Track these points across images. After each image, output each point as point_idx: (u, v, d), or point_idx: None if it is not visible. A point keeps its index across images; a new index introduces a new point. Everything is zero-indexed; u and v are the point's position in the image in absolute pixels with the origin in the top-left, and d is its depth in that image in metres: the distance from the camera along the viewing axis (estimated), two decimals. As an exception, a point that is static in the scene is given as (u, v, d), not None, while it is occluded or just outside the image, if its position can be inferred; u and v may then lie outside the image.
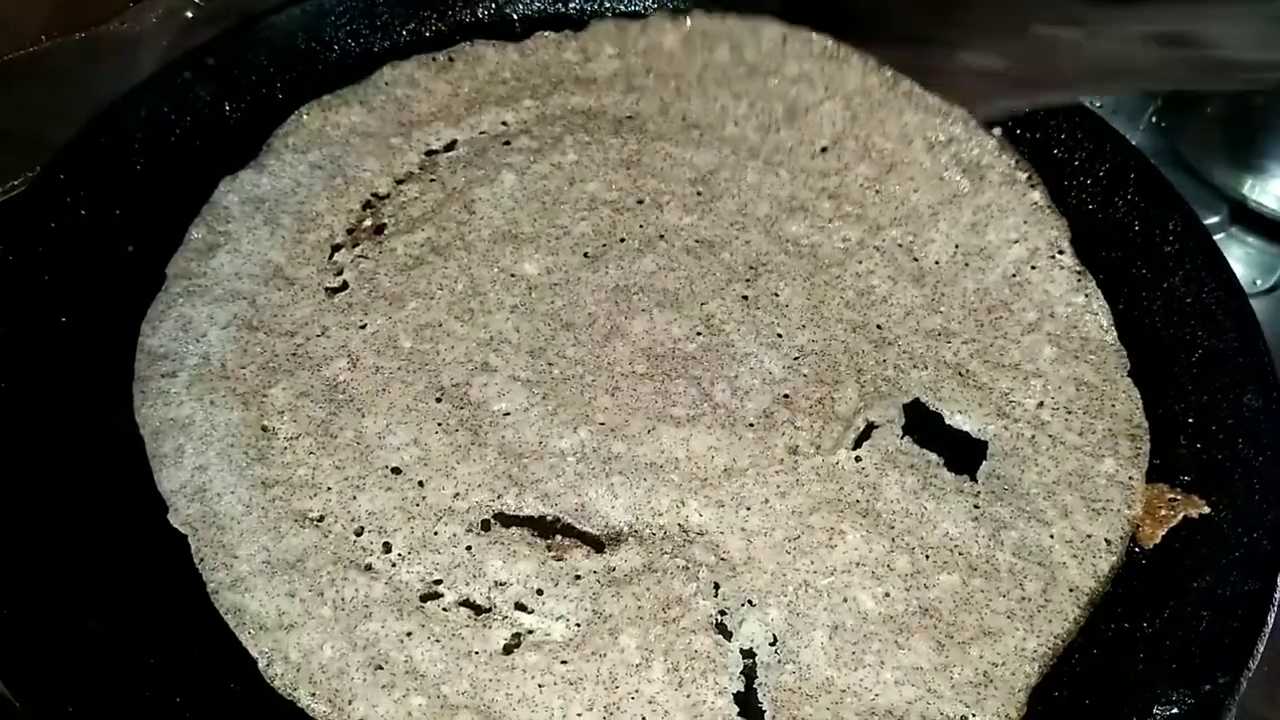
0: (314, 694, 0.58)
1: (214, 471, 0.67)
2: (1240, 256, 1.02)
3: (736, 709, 0.59)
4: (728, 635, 0.62)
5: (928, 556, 0.66)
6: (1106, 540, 0.67)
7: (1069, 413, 0.74)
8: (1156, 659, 0.61)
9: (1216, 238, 0.88)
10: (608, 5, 1.02)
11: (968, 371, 0.76)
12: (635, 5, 1.02)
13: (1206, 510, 0.67)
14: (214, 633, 0.61)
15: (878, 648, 0.61)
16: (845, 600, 0.64)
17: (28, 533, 0.62)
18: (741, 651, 0.62)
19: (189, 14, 1.02)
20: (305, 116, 0.87)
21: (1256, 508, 0.65)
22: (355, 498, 0.66)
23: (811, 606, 0.63)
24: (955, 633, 0.62)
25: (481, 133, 0.90)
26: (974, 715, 0.59)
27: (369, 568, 0.63)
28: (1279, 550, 0.63)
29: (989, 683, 0.60)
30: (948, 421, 0.74)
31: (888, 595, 0.64)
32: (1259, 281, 1.00)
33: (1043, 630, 0.63)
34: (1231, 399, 0.72)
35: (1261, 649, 0.59)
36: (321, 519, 0.66)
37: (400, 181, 0.86)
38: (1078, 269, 0.79)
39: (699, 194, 0.86)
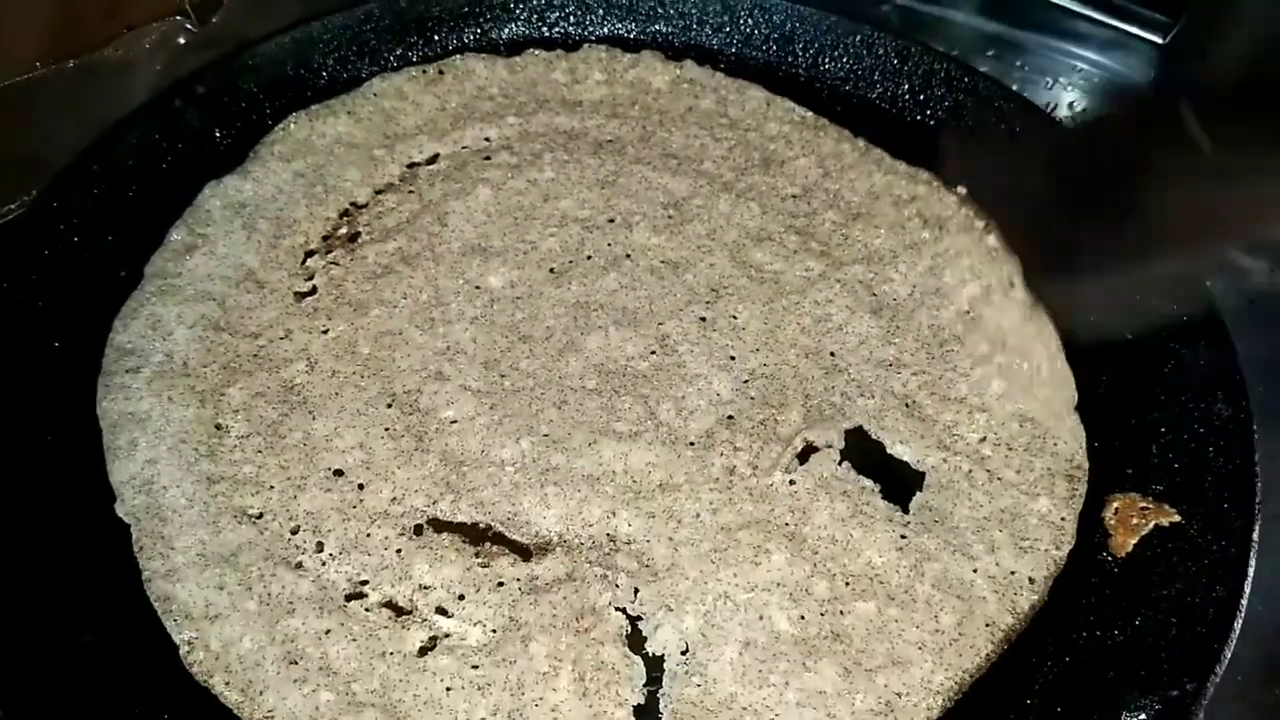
0: (228, 683, 0.60)
1: (163, 465, 0.69)
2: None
3: (632, 721, 0.60)
4: (640, 643, 0.64)
5: (847, 583, 0.66)
6: (1030, 579, 0.67)
7: (1010, 449, 0.74)
8: (1126, 665, 0.62)
9: None
10: (591, 30, 1.04)
11: (914, 403, 0.76)
12: (620, 31, 1.04)
13: (1177, 519, 0.68)
14: (146, 618, 0.63)
15: (785, 668, 0.62)
16: (760, 618, 0.64)
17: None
18: (651, 659, 0.63)
19: (181, 41, 1.04)
20: (293, 125, 0.90)
21: (1225, 516, 0.67)
22: (296, 497, 0.69)
23: (727, 619, 0.64)
24: (864, 660, 0.63)
25: (464, 147, 0.93)
26: (870, 744, 0.59)
27: (299, 565, 0.66)
28: (1246, 558, 0.64)
29: (890, 712, 0.61)
30: (889, 450, 0.74)
31: (802, 618, 0.65)
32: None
33: (952, 664, 0.63)
34: (1202, 409, 0.73)
35: (1228, 655, 0.60)
36: (260, 516, 0.68)
37: (379, 192, 0.89)
38: (1029, 301, 0.79)
39: (670, 216, 0.88)
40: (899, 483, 0.73)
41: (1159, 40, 1.18)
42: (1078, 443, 0.74)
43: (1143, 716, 0.60)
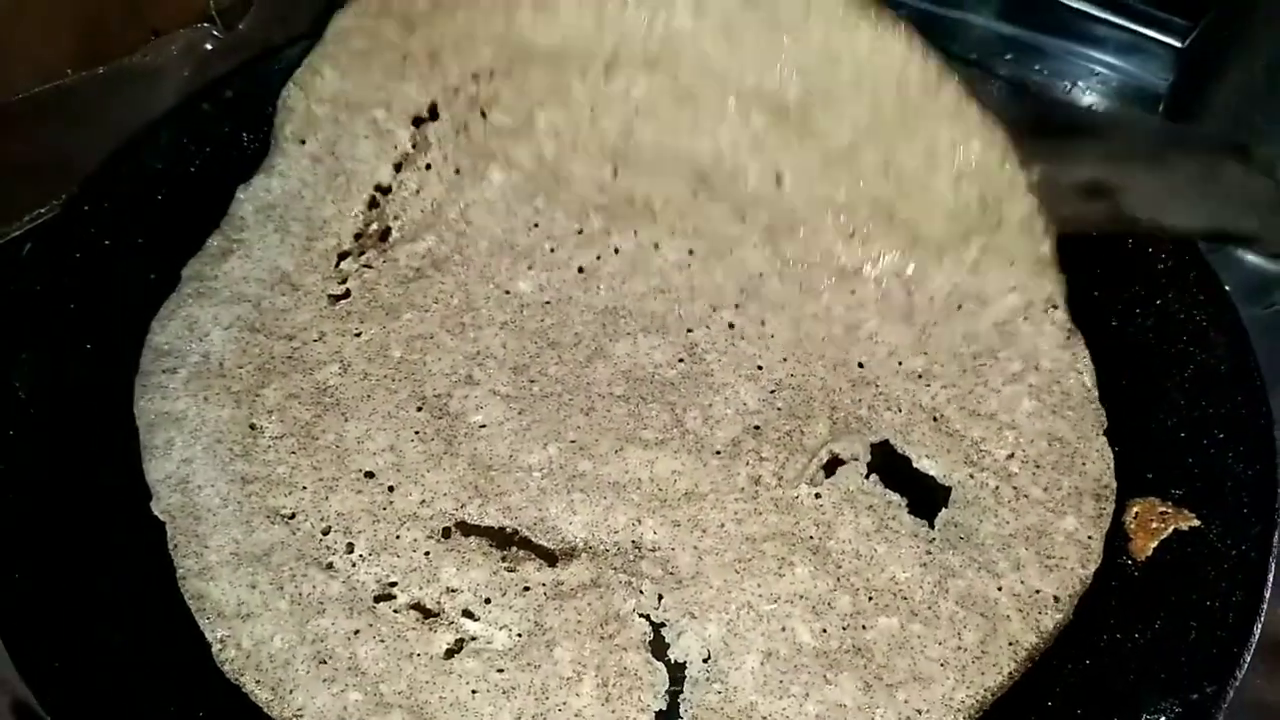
0: (259, 681, 0.61)
1: (198, 465, 0.71)
2: (1237, 274, 1.00)
3: (655, 728, 0.61)
4: (663, 649, 0.64)
5: (870, 598, 0.67)
6: (1055, 598, 0.67)
7: (1038, 467, 0.74)
8: (1146, 668, 0.62)
9: (1213, 255, 0.87)
10: None
11: (942, 417, 0.76)
12: None
13: (1197, 523, 0.68)
14: (180, 615, 0.65)
15: (805, 679, 0.63)
16: (783, 629, 0.65)
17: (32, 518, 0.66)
18: (674, 665, 0.64)
19: (208, 46, 1.04)
20: (289, 100, 0.87)
21: (1245, 521, 0.67)
22: (327, 498, 0.70)
23: (750, 629, 0.65)
24: (885, 674, 0.63)
25: (454, 89, 0.86)
26: (888, 759, 0.60)
27: (330, 566, 0.67)
28: (1266, 562, 0.64)
29: (910, 727, 0.61)
30: (915, 464, 0.74)
31: (824, 631, 0.65)
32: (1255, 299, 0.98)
33: (974, 681, 0.63)
34: (1222, 414, 0.73)
35: (1248, 660, 0.61)
36: (293, 516, 0.69)
37: (398, 168, 0.87)
38: (1069, 326, 0.79)
39: (695, 195, 0.83)
40: (925, 497, 0.73)
41: (1177, 44, 1.16)
42: (1106, 463, 0.74)
43: (1163, 719, 0.60)
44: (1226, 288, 0.79)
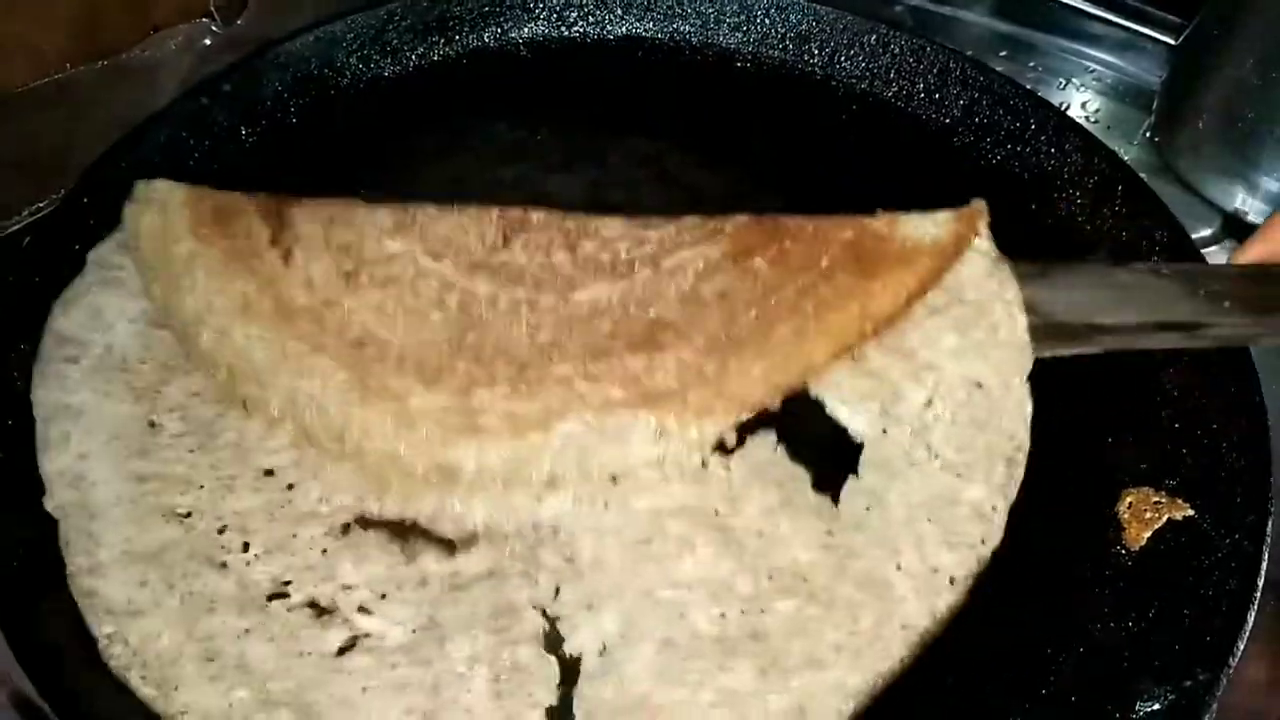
0: (144, 677, 0.61)
1: (94, 460, 0.69)
2: None
3: (545, 722, 0.61)
4: (558, 643, 0.64)
5: (771, 579, 0.66)
6: (951, 579, 0.67)
7: (954, 421, 0.73)
8: (1140, 657, 0.64)
9: (1210, 250, 0.93)
10: (610, 30, 1.06)
11: (860, 354, 0.75)
12: (639, 30, 1.07)
13: (1190, 513, 0.70)
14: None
15: (702, 667, 0.62)
16: (681, 616, 0.64)
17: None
18: (568, 659, 0.63)
19: (207, 41, 1.08)
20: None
21: (1239, 510, 0.69)
22: (225, 497, 0.69)
23: (647, 617, 0.64)
24: (781, 660, 0.63)
25: None
26: (779, 745, 0.60)
27: (223, 565, 0.66)
28: (1259, 551, 0.66)
29: (802, 714, 0.61)
30: (828, 410, 0.74)
31: (723, 616, 0.64)
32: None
33: (867, 667, 0.63)
34: (1216, 404, 0.74)
35: (1242, 647, 0.62)
36: (189, 515, 0.68)
37: None
38: (993, 253, 0.79)
39: None
40: (833, 460, 0.72)
41: (1170, 41, 1.19)
42: (1021, 415, 0.73)
43: (1156, 706, 0.61)
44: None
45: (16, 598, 0.62)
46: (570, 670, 0.63)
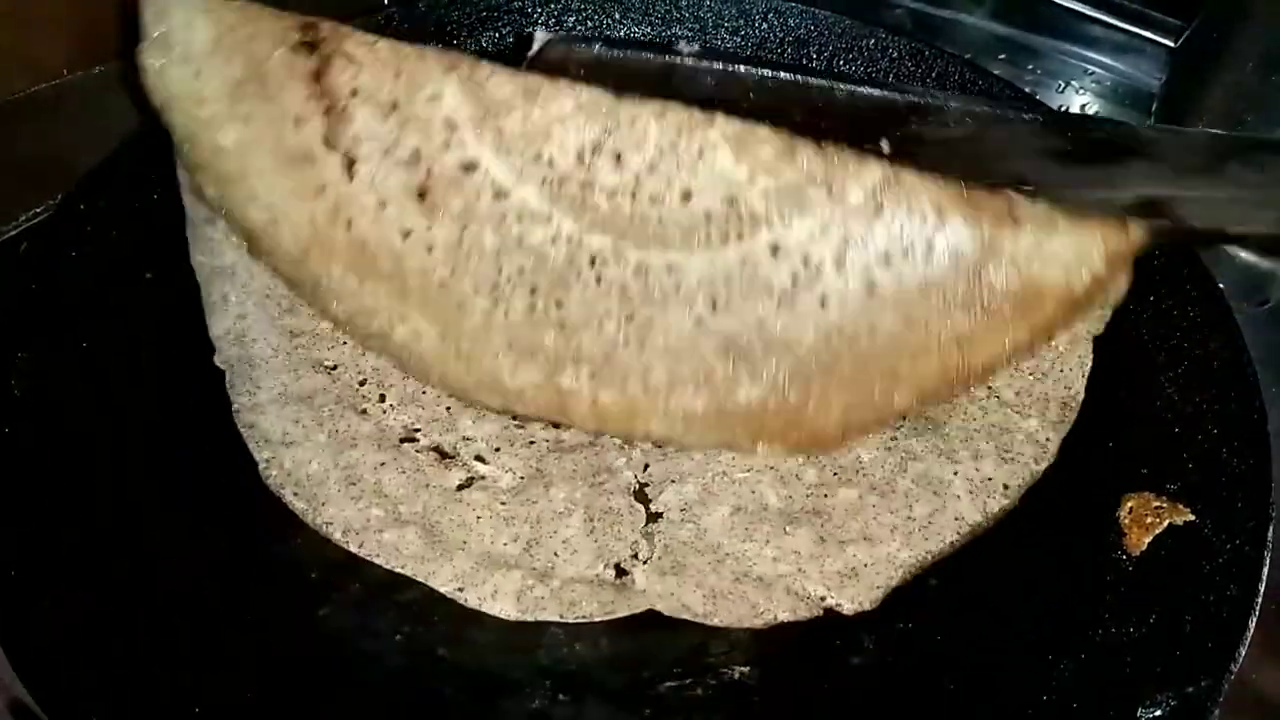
0: (296, 494, 0.71)
1: (251, 320, 0.80)
2: (1230, 271, 1.04)
3: (630, 552, 0.70)
4: (646, 500, 0.73)
5: (835, 474, 0.75)
6: (1005, 485, 0.74)
7: (1014, 370, 0.80)
8: (1142, 662, 0.64)
9: (1206, 253, 0.90)
10: (608, 34, 1.06)
11: None
12: (638, 34, 1.06)
13: (1191, 518, 0.70)
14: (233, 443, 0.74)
15: (767, 530, 0.71)
16: (753, 491, 0.73)
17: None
18: (653, 512, 0.72)
19: None
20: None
21: (1239, 515, 0.69)
22: (365, 354, 0.79)
23: (723, 489, 0.73)
24: (838, 533, 0.71)
25: None
26: (831, 597, 0.68)
27: (364, 411, 0.76)
28: (1261, 556, 0.66)
29: (854, 576, 0.69)
30: None
31: (790, 496, 0.73)
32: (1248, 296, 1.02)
33: (918, 545, 0.71)
34: (1216, 410, 0.76)
35: (1243, 653, 0.62)
36: (335, 368, 0.79)
37: None
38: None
39: None
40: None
41: (1170, 43, 1.20)
42: (1081, 370, 0.80)
43: (1159, 712, 0.61)
44: (1220, 285, 0.82)
45: (12, 606, 0.61)
46: (655, 519, 0.72)
